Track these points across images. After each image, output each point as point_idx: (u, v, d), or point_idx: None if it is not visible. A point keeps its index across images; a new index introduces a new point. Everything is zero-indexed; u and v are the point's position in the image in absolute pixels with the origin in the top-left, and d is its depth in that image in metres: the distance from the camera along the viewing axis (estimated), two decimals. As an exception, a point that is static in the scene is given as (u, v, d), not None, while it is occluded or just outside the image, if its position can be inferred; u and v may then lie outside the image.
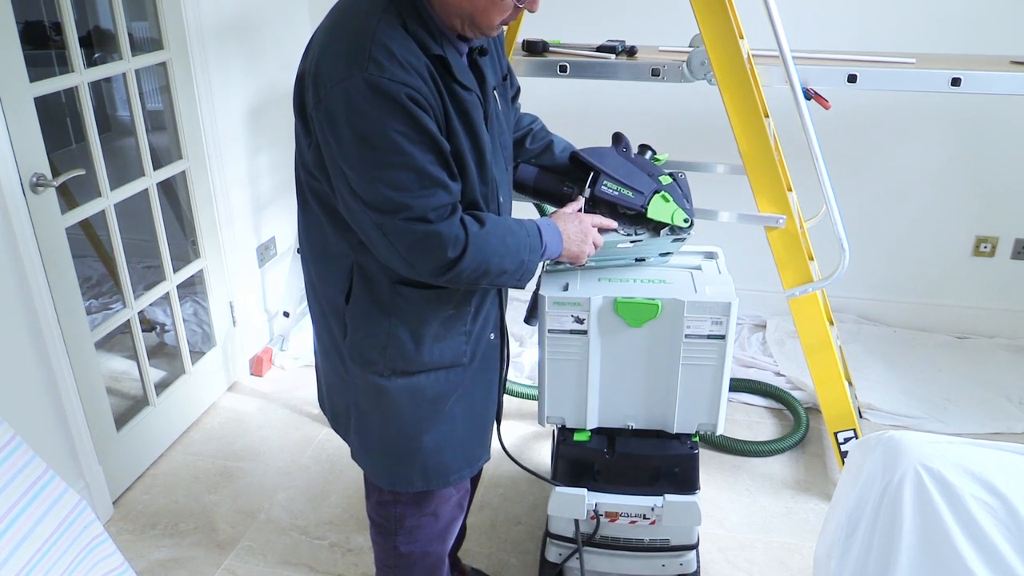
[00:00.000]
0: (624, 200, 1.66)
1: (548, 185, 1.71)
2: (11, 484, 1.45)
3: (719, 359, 1.75)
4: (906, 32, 2.87)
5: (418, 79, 1.26)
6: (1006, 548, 1.29)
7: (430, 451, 1.56)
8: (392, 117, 1.24)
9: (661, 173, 1.71)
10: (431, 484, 1.60)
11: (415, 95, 1.25)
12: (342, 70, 1.25)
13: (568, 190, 1.69)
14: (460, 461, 1.62)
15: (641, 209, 1.67)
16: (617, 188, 1.65)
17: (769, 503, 2.41)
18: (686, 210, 1.70)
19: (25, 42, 1.97)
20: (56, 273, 2.13)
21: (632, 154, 1.71)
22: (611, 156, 1.68)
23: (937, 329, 3.29)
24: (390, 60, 1.24)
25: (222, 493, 2.47)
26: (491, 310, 1.58)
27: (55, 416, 2.19)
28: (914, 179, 3.11)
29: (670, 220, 1.69)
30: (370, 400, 1.55)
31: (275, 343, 3.22)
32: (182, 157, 2.63)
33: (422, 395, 1.52)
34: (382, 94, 1.23)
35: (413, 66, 1.26)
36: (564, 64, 2.34)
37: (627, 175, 1.67)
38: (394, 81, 1.23)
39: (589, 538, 1.91)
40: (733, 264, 1.95)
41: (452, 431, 1.58)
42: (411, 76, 1.25)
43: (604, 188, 1.65)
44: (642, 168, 1.70)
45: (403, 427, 1.55)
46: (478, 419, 1.63)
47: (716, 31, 2.06)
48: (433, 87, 1.29)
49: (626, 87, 2.99)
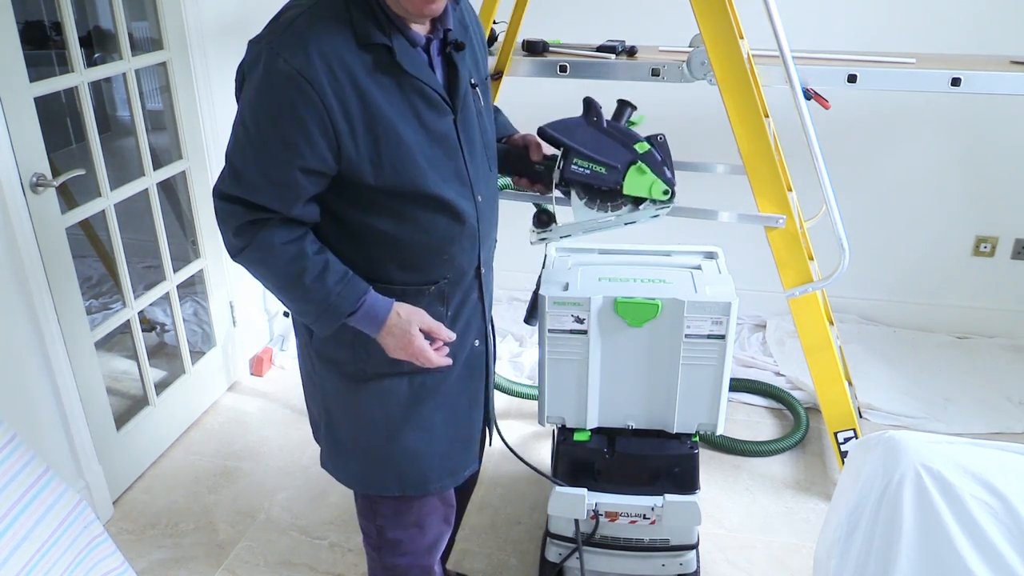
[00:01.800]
0: (597, 179, 1.56)
1: (519, 164, 1.62)
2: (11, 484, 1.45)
3: (719, 359, 1.75)
4: (906, 32, 2.87)
5: (320, 72, 1.22)
6: (1006, 548, 1.29)
7: (406, 456, 1.53)
8: (268, 95, 1.24)
9: (637, 140, 1.57)
10: (407, 490, 1.56)
11: (306, 87, 1.21)
12: (258, 40, 1.27)
13: (540, 168, 1.60)
14: (441, 470, 1.57)
15: (616, 186, 1.57)
16: (589, 166, 1.55)
17: (769, 503, 2.41)
18: (665, 179, 1.58)
19: (25, 42, 1.97)
20: (56, 273, 2.13)
21: (604, 122, 1.58)
22: (581, 128, 1.56)
23: (937, 329, 3.29)
24: (297, 43, 1.22)
25: (222, 493, 2.47)
26: (473, 317, 1.54)
27: (55, 416, 2.18)
28: (914, 179, 3.11)
29: (648, 194, 1.58)
30: (340, 403, 1.53)
31: (275, 343, 3.23)
32: (182, 157, 2.63)
33: (394, 398, 1.49)
34: (272, 71, 1.22)
35: (324, 57, 1.22)
36: (564, 64, 2.34)
37: (598, 149, 1.55)
38: (288, 63, 1.21)
39: (589, 538, 1.91)
40: (733, 264, 1.95)
41: (431, 438, 1.54)
42: (310, 66, 1.21)
43: (574, 168, 1.55)
44: (615, 137, 1.57)
45: (375, 430, 1.52)
46: (462, 428, 1.59)
47: (716, 31, 2.06)
48: (348, 84, 1.24)
49: (626, 87, 2.98)
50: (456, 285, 1.48)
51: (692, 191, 1.74)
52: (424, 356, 1.39)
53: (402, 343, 1.38)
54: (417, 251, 1.40)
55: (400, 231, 1.37)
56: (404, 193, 1.34)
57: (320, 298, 1.34)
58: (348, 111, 1.25)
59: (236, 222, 1.32)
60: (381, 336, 1.39)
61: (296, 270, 1.33)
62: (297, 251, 1.33)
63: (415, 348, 1.38)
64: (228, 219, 1.33)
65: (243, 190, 1.29)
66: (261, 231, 1.32)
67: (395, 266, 1.41)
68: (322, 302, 1.34)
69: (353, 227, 1.37)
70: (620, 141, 1.57)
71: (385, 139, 1.29)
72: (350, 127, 1.26)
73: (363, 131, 1.27)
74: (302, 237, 1.34)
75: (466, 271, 1.48)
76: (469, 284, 1.51)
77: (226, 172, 1.31)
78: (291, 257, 1.33)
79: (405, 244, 1.39)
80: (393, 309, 1.38)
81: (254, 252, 1.33)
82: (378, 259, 1.40)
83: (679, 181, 1.62)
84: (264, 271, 1.36)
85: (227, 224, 1.33)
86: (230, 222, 1.33)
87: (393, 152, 1.30)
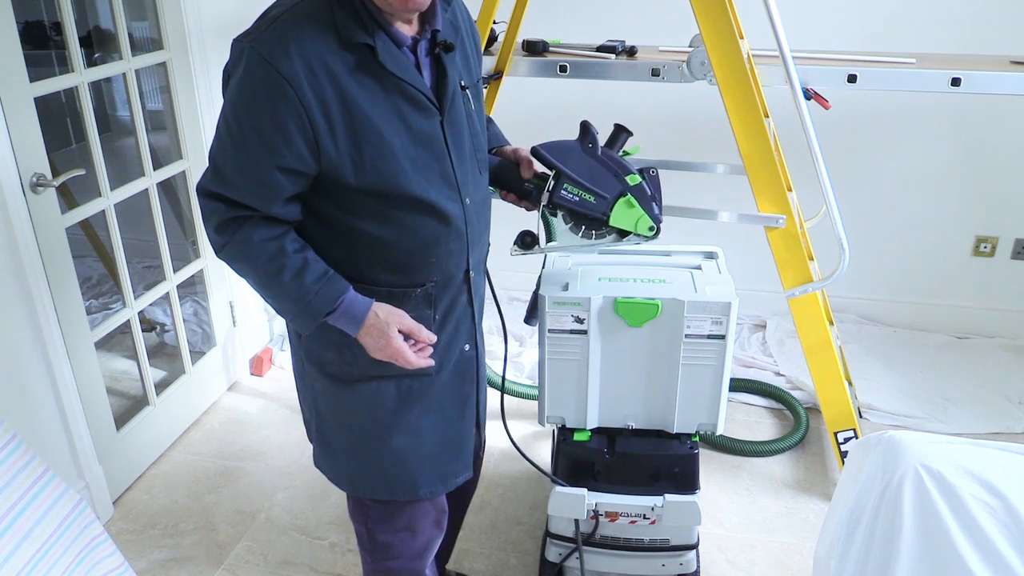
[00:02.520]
0: (585, 207, 1.55)
1: (508, 179, 1.60)
2: (11, 484, 1.45)
3: (719, 359, 1.75)
4: (906, 32, 2.87)
5: (299, 71, 1.22)
6: (1006, 548, 1.29)
7: (393, 460, 1.52)
8: (247, 93, 1.24)
9: (629, 172, 1.56)
10: (395, 494, 1.55)
11: (284, 85, 1.22)
12: (240, 38, 1.27)
13: (529, 187, 1.58)
14: (431, 475, 1.56)
15: (603, 216, 1.56)
16: (578, 193, 1.54)
17: (769, 503, 2.41)
18: (652, 216, 1.57)
19: (25, 42, 1.97)
20: (56, 273, 2.13)
21: (599, 149, 1.56)
22: (575, 153, 1.54)
23: (937, 329, 3.29)
24: (277, 42, 1.22)
25: (222, 493, 2.47)
26: (462, 321, 1.53)
27: (55, 416, 2.18)
28: (914, 179, 3.12)
29: (633, 228, 1.58)
30: (329, 404, 1.53)
31: (275, 343, 3.23)
32: (182, 157, 2.63)
33: (381, 401, 1.48)
34: (252, 70, 1.23)
35: (304, 56, 1.22)
36: (564, 64, 2.34)
37: (590, 177, 1.54)
38: (267, 61, 1.21)
39: (589, 538, 1.91)
40: (733, 264, 1.95)
41: (420, 443, 1.53)
42: (290, 64, 1.21)
43: (564, 193, 1.54)
44: (608, 167, 1.55)
45: (363, 432, 1.51)
46: (452, 433, 1.58)
47: (716, 31, 2.06)
48: (328, 83, 1.24)
49: (626, 87, 2.99)
50: (444, 288, 1.46)
51: (692, 191, 1.75)
52: (403, 357, 1.39)
53: (380, 343, 1.38)
54: (402, 253, 1.39)
55: (385, 233, 1.37)
56: (387, 194, 1.33)
57: (298, 296, 1.34)
58: (328, 110, 1.25)
59: (217, 219, 1.33)
60: (360, 336, 1.39)
61: (275, 267, 1.33)
62: (276, 249, 1.33)
63: (393, 349, 1.38)
64: (210, 216, 1.34)
65: (224, 187, 1.30)
66: (241, 228, 1.33)
67: (381, 268, 1.41)
68: (300, 300, 1.35)
69: (338, 228, 1.37)
70: (612, 171, 1.55)
71: (366, 139, 1.28)
72: (329, 126, 1.26)
73: (343, 130, 1.27)
74: (282, 235, 1.34)
75: (454, 275, 1.47)
76: (458, 288, 1.49)
77: (209, 169, 1.33)
78: (270, 255, 1.33)
79: (390, 246, 1.38)
80: (372, 309, 1.38)
81: (234, 248, 1.34)
82: (364, 260, 1.40)
83: (679, 181, 1.63)
84: (244, 267, 1.37)
85: (209, 220, 1.35)
86: (212, 218, 1.34)
87: (375, 152, 1.29)
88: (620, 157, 1.58)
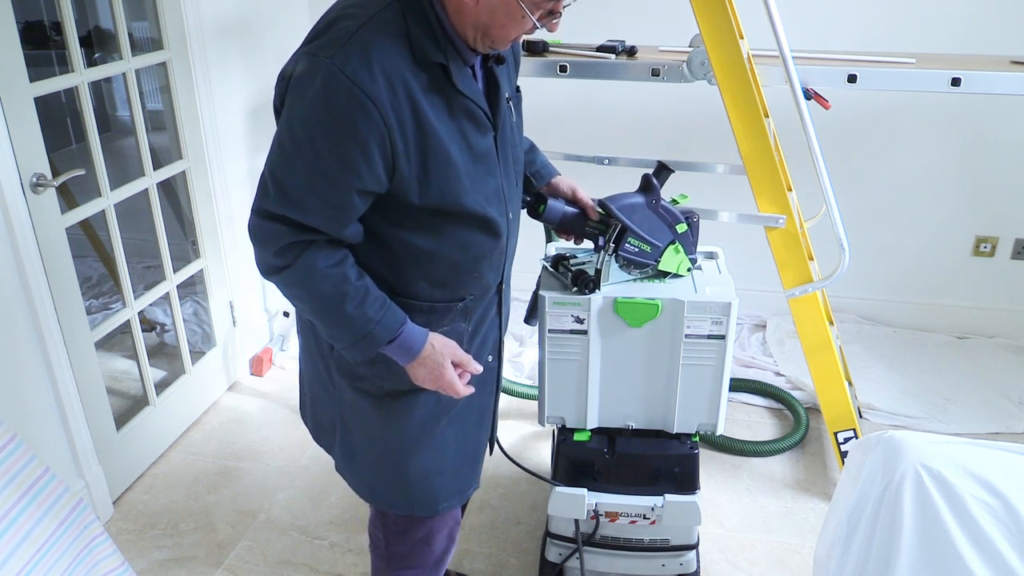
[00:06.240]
0: (642, 257, 1.72)
1: (574, 226, 1.68)
2: (11, 484, 1.45)
3: (719, 359, 1.75)
4: (906, 32, 2.87)
5: (383, 90, 1.18)
6: (1006, 548, 1.29)
7: (417, 476, 1.50)
8: (327, 112, 1.18)
9: (679, 221, 1.72)
10: (416, 510, 1.54)
11: (369, 106, 1.17)
12: (315, 52, 1.20)
13: (591, 230, 1.68)
14: (450, 490, 1.54)
15: (654, 263, 1.74)
16: (639, 245, 1.69)
17: (769, 503, 2.41)
18: (691, 259, 1.78)
19: (25, 42, 1.97)
20: (56, 273, 2.13)
21: (660, 203, 1.70)
22: (640, 210, 1.68)
23: (937, 329, 3.29)
24: (361, 60, 1.17)
25: (222, 493, 2.47)
26: (490, 332, 1.52)
27: (55, 416, 2.18)
28: (914, 179, 3.12)
29: (675, 270, 1.76)
30: (357, 416, 1.50)
31: (275, 343, 3.23)
32: (182, 157, 2.63)
33: (412, 416, 1.47)
34: (332, 87, 1.17)
35: (386, 74, 1.18)
36: (564, 64, 2.34)
37: (650, 230, 1.70)
38: (351, 80, 1.16)
39: (589, 538, 1.91)
40: (733, 264, 1.95)
41: (443, 456, 1.52)
42: (374, 83, 1.17)
43: (627, 246, 1.69)
44: (664, 219, 1.71)
45: (390, 447, 1.49)
46: (470, 445, 1.57)
47: (716, 31, 2.06)
48: (407, 103, 1.20)
49: (626, 87, 2.99)
50: (479, 301, 1.46)
51: (692, 191, 1.75)
52: (454, 388, 1.38)
53: (434, 374, 1.36)
54: (451, 267, 1.38)
55: (438, 247, 1.34)
56: (447, 211, 1.30)
57: (359, 326, 1.30)
58: (405, 131, 1.21)
59: (279, 242, 1.25)
60: (412, 366, 1.36)
61: (338, 296, 1.28)
62: (340, 276, 1.28)
63: (446, 381, 1.37)
64: (269, 238, 1.26)
65: (291, 209, 1.23)
66: (305, 252, 1.26)
67: (426, 282, 1.38)
68: (360, 330, 1.30)
69: (389, 243, 1.33)
70: (667, 223, 1.72)
71: (434, 159, 1.25)
72: (405, 147, 1.22)
73: (415, 151, 1.23)
74: (343, 260, 1.29)
75: (490, 287, 1.47)
76: (490, 300, 1.50)
77: (271, 189, 1.24)
78: (334, 283, 1.27)
79: (440, 260, 1.36)
80: (428, 340, 1.35)
81: (295, 274, 1.27)
82: (410, 275, 1.37)
83: (679, 181, 1.65)
84: (302, 293, 1.30)
85: (267, 244, 1.27)
86: (271, 242, 1.26)
87: (440, 173, 1.27)
88: (672, 207, 1.74)
